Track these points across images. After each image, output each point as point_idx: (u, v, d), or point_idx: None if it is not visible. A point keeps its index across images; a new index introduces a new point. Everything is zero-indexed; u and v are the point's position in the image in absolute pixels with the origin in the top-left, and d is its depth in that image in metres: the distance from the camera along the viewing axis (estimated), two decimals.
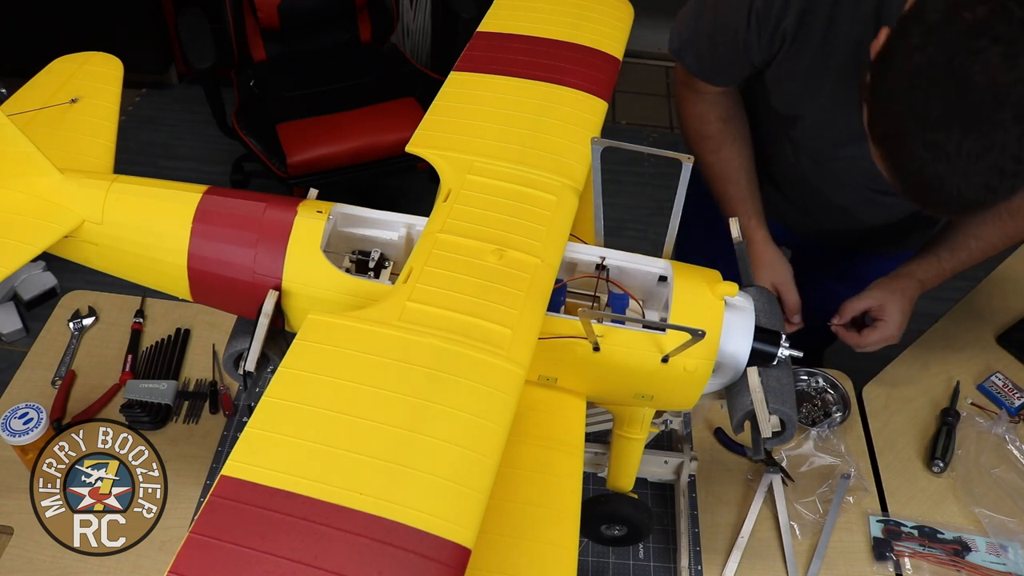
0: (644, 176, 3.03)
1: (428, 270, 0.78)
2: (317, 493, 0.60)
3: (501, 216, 0.85)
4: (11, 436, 1.16)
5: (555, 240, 0.85)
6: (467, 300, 0.76)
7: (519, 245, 0.82)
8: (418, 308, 0.74)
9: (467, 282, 0.78)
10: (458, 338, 0.72)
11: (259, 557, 0.57)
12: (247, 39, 2.66)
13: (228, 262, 0.88)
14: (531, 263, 0.81)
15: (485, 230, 0.83)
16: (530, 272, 0.80)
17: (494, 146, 0.94)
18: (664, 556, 1.22)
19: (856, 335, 1.30)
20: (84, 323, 1.46)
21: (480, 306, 0.75)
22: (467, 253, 0.80)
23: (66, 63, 1.14)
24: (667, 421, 1.24)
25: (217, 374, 1.41)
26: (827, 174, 1.29)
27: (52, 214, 0.90)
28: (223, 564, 0.57)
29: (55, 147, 0.95)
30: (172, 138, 3.17)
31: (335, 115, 2.48)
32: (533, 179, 0.91)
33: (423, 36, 3.22)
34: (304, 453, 0.63)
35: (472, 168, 0.91)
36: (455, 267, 0.79)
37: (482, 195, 0.88)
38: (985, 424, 1.38)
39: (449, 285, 0.77)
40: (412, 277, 0.77)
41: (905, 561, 1.22)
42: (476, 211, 0.86)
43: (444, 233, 0.82)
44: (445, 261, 0.80)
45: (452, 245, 0.81)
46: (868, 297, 1.29)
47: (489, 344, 0.72)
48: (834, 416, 1.40)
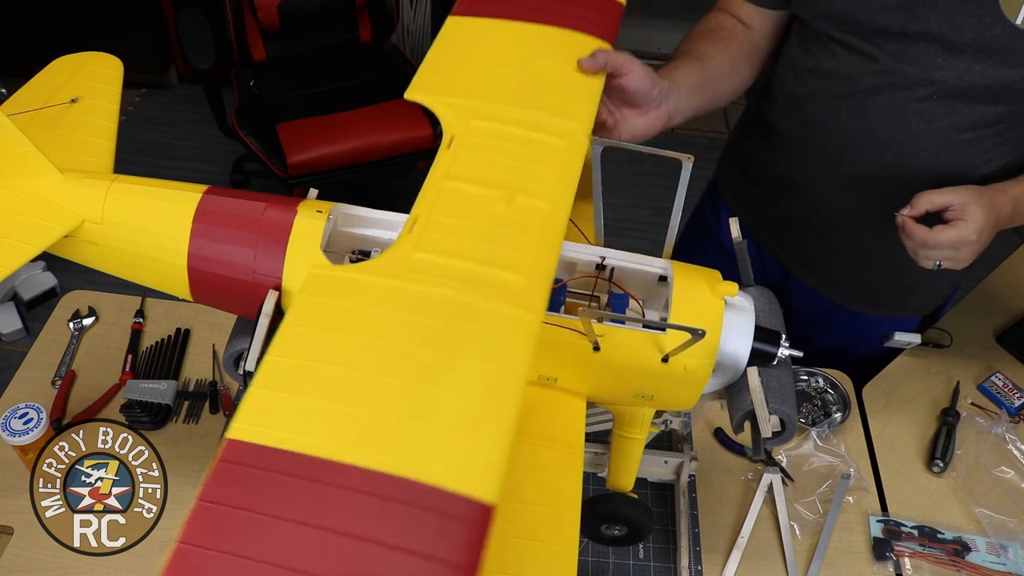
0: (644, 176, 3.03)
1: (434, 218, 0.74)
2: (328, 453, 0.57)
3: (508, 161, 0.82)
4: (11, 436, 1.16)
5: (566, 184, 0.81)
6: (477, 248, 0.72)
7: (529, 190, 0.78)
8: (426, 258, 0.70)
9: (476, 229, 0.74)
10: (470, 287, 0.68)
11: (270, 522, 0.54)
12: (247, 39, 2.66)
13: (228, 262, 0.88)
14: (542, 208, 0.77)
15: (492, 175, 0.79)
16: (541, 217, 0.76)
17: (497, 90, 0.90)
18: (664, 556, 1.22)
19: (925, 229, 1.06)
20: (84, 323, 1.46)
21: (491, 254, 0.71)
22: (474, 200, 0.76)
23: (66, 63, 1.14)
24: (667, 421, 1.24)
25: (217, 374, 1.41)
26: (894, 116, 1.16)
27: (52, 214, 0.90)
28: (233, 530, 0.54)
29: (55, 147, 0.95)
30: (172, 138, 3.17)
31: (335, 115, 2.48)
32: (540, 122, 0.86)
33: (423, 36, 3.22)
34: (312, 412, 0.60)
35: (476, 113, 0.87)
36: (462, 214, 0.75)
37: (487, 140, 0.84)
38: (985, 424, 1.38)
39: (457, 233, 0.73)
40: (418, 226, 0.73)
41: (905, 561, 1.22)
42: (482, 156, 0.82)
43: (449, 180, 0.78)
44: (452, 209, 0.76)
45: (458, 192, 0.77)
46: (951, 192, 1.06)
47: (502, 292, 0.68)
48: (834, 416, 1.40)
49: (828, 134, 1.24)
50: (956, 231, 1.05)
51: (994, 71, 1.08)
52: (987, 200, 1.07)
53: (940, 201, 1.06)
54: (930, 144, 1.16)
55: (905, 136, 1.16)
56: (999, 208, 1.08)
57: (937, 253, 1.07)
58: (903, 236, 1.08)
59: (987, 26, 1.05)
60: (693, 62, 1.19)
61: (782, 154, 1.34)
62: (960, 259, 1.08)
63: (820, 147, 1.26)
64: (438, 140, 2.66)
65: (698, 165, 0.89)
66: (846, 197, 1.27)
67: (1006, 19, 1.04)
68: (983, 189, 1.08)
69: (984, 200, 1.06)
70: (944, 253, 1.06)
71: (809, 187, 1.31)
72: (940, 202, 1.06)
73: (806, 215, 1.35)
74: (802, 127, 1.28)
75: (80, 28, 3.02)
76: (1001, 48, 1.06)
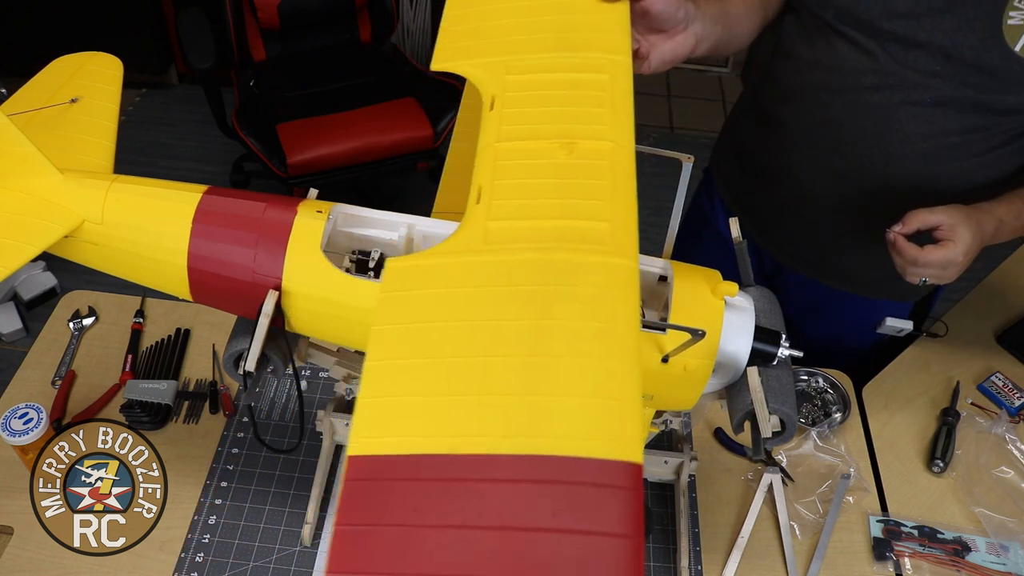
0: (644, 176, 3.02)
1: (498, 184, 0.70)
2: (457, 448, 0.53)
3: (557, 109, 0.78)
4: (11, 436, 1.16)
5: (622, 119, 0.77)
6: (550, 204, 0.68)
7: (586, 133, 0.74)
8: (501, 226, 0.67)
9: (544, 185, 0.70)
10: (555, 245, 0.64)
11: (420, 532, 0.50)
12: (247, 39, 2.66)
13: (228, 262, 0.88)
14: (605, 148, 0.73)
15: (545, 127, 0.75)
16: (607, 158, 0.72)
17: (524, 40, 0.86)
18: (664, 556, 1.22)
19: (916, 247, 1.10)
20: (84, 323, 1.46)
21: (567, 206, 0.68)
22: (533, 156, 0.73)
23: (66, 63, 1.14)
24: (667, 421, 1.24)
25: (217, 374, 1.41)
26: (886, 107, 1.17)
27: (52, 214, 0.90)
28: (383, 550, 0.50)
29: (55, 147, 0.95)
30: (172, 138, 3.17)
31: (335, 115, 2.48)
32: (577, 62, 0.82)
33: (423, 36, 3.22)
34: (428, 410, 0.56)
35: (509, 68, 0.82)
36: (526, 174, 0.71)
37: (529, 92, 0.80)
38: (985, 424, 1.38)
39: (526, 194, 0.70)
40: (484, 195, 0.70)
41: (905, 561, 1.22)
42: (529, 111, 0.78)
43: (502, 142, 0.75)
44: (513, 170, 0.72)
45: (515, 151, 0.73)
46: (941, 211, 1.10)
47: (590, 243, 0.64)
48: (834, 416, 1.40)
49: (822, 126, 1.25)
50: (945, 252, 1.08)
51: (987, 91, 1.11)
52: (975, 221, 1.10)
53: (931, 220, 1.09)
54: (920, 145, 1.18)
55: (896, 136, 1.18)
56: (984, 228, 1.12)
57: (925, 271, 1.10)
58: (893, 252, 1.12)
59: (987, 48, 1.07)
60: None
61: (774, 143, 1.35)
62: (946, 277, 1.12)
63: (812, 138, 1.27)
64: (438, 140, 2.67)
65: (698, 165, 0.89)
66: (835, 188, 1.29)
67: (1006, 44, 1.06)
68: (971, 210, 1.12)
69: (972, 221, 1.10)
70: (932, 271, 1.10)
71: (799, 177, 1.32)
72: (931, 221, 1.09)
73: (795, 204, 1.36)
74: (796, 117, 1.29)
75: (80, 28, 3.02)
76: (998, 70, 1.09)
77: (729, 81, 3.63)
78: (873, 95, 1.18)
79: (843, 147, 1.24)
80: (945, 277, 1.12)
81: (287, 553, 1.19)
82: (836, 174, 1.27)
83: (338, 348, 1.07)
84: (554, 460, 0.52)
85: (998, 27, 1.06)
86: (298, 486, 1.26)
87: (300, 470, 1.28)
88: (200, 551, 1.18)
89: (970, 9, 1.07)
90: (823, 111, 1.24)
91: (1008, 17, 1.05)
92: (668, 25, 1.02)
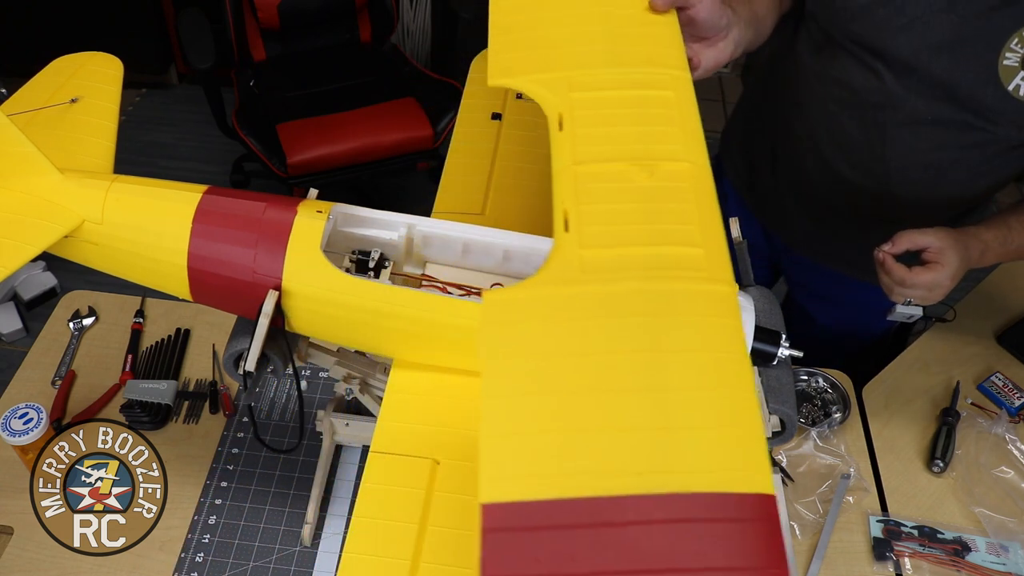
0: None
1: (584, 209, 0.69)
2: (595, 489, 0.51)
3: (628, 128, 0.76)
4: (11, 436, 1.16)
5: (695, 139, 0.76)
6: (641, 230, 0.67)
7: (662, 154, 0.73)
8: (595, 254, 0.65)
9: (631, 210, 0.69)
10: (654, 273, 0.63)
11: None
12: (247, 39, 2.66)
13: (228, 262, 0.88)
14: (685, 170, 0.72)
15: (619, 148, 0.74)
16: (688, 180, 0.71)
17: (580, 54, 0.84)
18: None
19: (904, 269, 1.12)
20: (84, 323, 1.46)
21: (657, 232, 0.67)
22: (614, 179, 0.71)
23: (66, 63, 1.14)
24: None
25: (217, 374, 1.41)
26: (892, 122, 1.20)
27: (52, 214, 0.90)
28: None
29: (55, 147, 0.95)
30: (172, 138, 3.17)
31: (335, 115, 2.48)
32: (639, 78, 0.81)
33: (423, 36, 3.22)
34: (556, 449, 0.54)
35: (571, 84, 0.80)
36: (610, 198, 0.70)
37: (597, 111, 0.78)
38: (985, 424, 1.38)
39: (614, 220, 0.68)
40: (571, 222, 0.68)
41: (905, 561, 1.22)
42: (600, 130, 0.76)
43: (580, 164, 0.73)
44: (597, 194, 0.70)
45: (594, 175, 0.72)
46: (930, 234, 1.12)
47: (686, 270, 0.63)
48: (834, 416, 1.40)
49: (829, 134, 1.27)
50: (933, 275, 1.10)
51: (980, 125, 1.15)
52: (962, 245, 1.13)
53: (920, 242, 1.11)
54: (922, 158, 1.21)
55: (900, 149, 1.22)
56: (971, 253, 1.15)
57: (911, 292, 1.12)
58: (881, 271, 1.13)
59: (983, 85, 1.11)
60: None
61: (783, 143, 1.38)
62: (931, 299, 1.14)
63: (821, 144, 1.29)
64: (438, 140, 2.67)
65: None
66: (842, 189, 1.31)
67: (1001, 84, 1.10)
68: (959, 234, 1.14)
69: (960, 246, 1.12)
70: (918, 293, 1.13)
71: (807, 176, 1.35)
72: (920, 243, 1.11)
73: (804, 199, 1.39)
74: (805, 123, 1.31)
75: (80, 28, 3.02)
76: (993, 107, 1.12)
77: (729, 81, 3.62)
78: (879, 112, 1.20)
79: (850, 156, 1.27)
80: (930, 299, 1.14)
81: (287, 553, 1.19)
82: (843, 179, 1.29)
83: (338, 348, 1.07)
84: (692, 497, 0.51)
85: (994, 67, 1.09)
86: (298, 486, 1.26)
87: (300, 470, 1.28)
88: (200, 551, 1.18)
89: (968, 48, 1.10)
90: (831, 121, 1.26)
91: (1004, 58, 1.09)
92: (711, 32, 1.02)
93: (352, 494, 1.26)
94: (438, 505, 0.75)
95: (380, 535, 0.74)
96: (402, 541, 0.72)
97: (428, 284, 0.93)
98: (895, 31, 1.13)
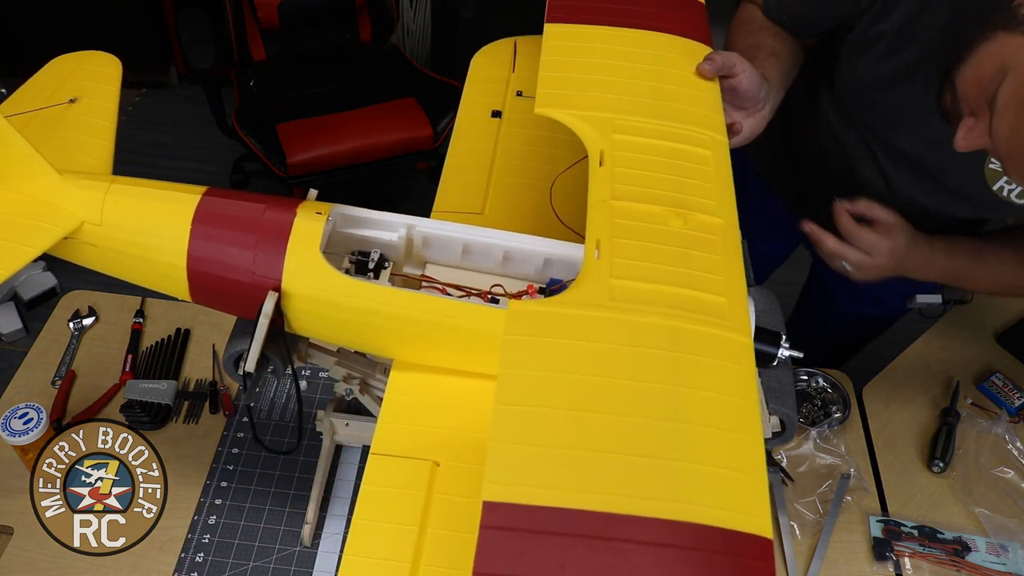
0: None
1: (618, 242, 0.72)
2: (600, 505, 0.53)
3: (666, 176, 0.79)
4: (11, 436, 1.16)
5: (729, 198, 0.79)
6: (670, 271, 0.70)
7: (697, 206, 0.76)
8: (624, 285, 0.68)
9: (661, 251, 0.72)
10: (678, 313, 0.65)
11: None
12: (247, 39, 2.66)
13: (227, 263, 0.88)
14: (717, 224, 0.75)
15: (656, 193, 0.77)
16: (719, 234, 0.75)
17: (626, 102, 0.88)
18: None
19: (853, 222, 1.16)
20: (84, 323, 1.46)
21: (686, 276, 0.69)
22: (649, 220, 0.74)
23: (65, 63, 1.13)
24: None
25: (217, 374, 1.41)
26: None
27: (51, 216, 0.90)
28: None
29: (53, 148, 0.95)
30: (172, 138, 3.17)
31: (335, 115, 2.48)
32: (680, 134, 0.84)
33: (423, 36, 3.22)
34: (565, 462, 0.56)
35: (615, 127, 0.84)
36: (643, 236, 0.73)
37: (637, 155, 0.81)
38: (985, 424, 1.38)
39: (645, 256, 0.71)
40: (604, 251, 0.71)
41: (905, 561, 1.22)
42: (638, 173, 0.79)
43: (617, 200, 0.76)
44: (631, 231, 0.73)
45: (631, 212, 0.75)
46: (891, 213, 1.16)
47: (710, 316, 0.66)
48: (834, 416, 1.40)
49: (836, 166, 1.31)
50: (874, 238, 1.14)
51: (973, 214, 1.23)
52: (912, 240, 1.16)
53: (878, 214, 1.15)
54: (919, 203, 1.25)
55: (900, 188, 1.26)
56: (915, 253, 1.17)
57: (849, 253, 1.15)
58: (834, 222, 1.16)
59: (968, 181, 1.15)
60: (772, 58, 1.17)
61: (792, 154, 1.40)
62: (862, 268, 1.17)
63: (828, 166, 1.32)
64: (438, 140, 2.67)
65: None
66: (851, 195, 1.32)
67: (986, 184, 1.14)
68: (918, 233, 1.17)
69: (910, 238, 1.16)
70: (854, 255, 1.15)
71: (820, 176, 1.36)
72: (878, 215, 1.15)
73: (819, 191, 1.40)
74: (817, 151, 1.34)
75: (80, 28, 3.01)
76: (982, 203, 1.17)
77: None
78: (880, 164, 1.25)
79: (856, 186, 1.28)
80: (862, 268, 1.16)
81: (287, 553, 1.19)
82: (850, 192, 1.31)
83: (338, 348, 1.07)
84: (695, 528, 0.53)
85: (980, 169, 1.13)
86: (298, 486, 1.26)
87: (300, 470, 1.28)
88: (200, 551, 1.18)
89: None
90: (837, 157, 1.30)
91: (990, 161, 1.12)
92: (750, 104, 1.05)
93: (352, 494, 1.26)
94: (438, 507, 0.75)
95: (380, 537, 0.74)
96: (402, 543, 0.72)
97: (428, 285, 0.93)
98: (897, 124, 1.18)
